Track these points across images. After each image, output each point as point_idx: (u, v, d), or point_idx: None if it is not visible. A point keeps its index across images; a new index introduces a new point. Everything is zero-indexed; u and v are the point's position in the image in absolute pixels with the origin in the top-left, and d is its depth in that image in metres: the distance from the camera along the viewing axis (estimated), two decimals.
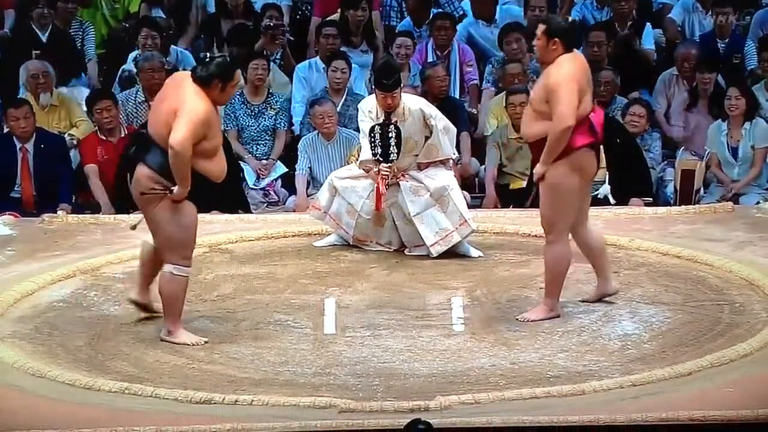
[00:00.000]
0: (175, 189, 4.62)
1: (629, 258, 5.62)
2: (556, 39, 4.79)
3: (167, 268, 4.72)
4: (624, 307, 5.01)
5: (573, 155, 4.78)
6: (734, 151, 7.20)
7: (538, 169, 4.82)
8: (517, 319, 4.89)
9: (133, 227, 4.91)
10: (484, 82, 7.74)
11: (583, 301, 5.05)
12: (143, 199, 4.68)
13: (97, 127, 7.14)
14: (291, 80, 7.75)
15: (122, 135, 7.11)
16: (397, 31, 8.13)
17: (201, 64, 4.68)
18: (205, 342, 4.72)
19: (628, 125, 7.26)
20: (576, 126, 4.78)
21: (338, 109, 7.32)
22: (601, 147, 5.00)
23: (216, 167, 4.69)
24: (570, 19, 4.94)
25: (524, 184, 6.89)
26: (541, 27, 4.84)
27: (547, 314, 4.88)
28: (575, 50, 4.87)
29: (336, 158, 7.06)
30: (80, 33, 8.04)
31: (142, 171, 4.66)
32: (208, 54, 4.76)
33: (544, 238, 5.46)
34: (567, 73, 4.77)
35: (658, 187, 7.35)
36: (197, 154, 4.61)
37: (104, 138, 7.10)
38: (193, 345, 4.69)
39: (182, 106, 4.58)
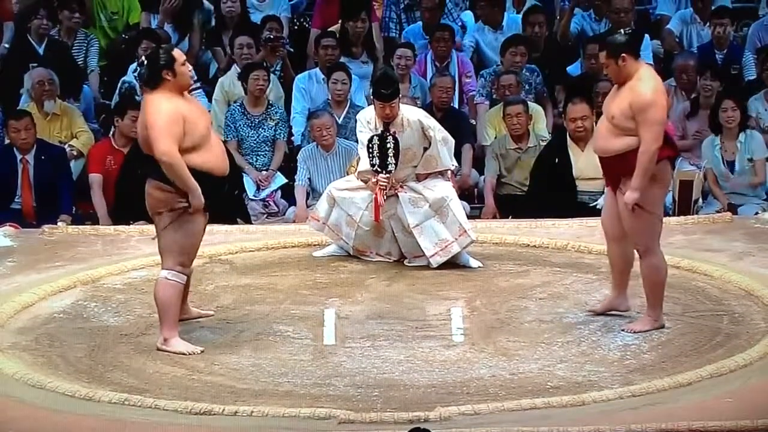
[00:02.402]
0: (191, 200, 4.61)
1: None
2: (623, 54, 4.68)
3: (163, 273, 4.73)
4: (623, 318, 5.01)
5: (656, 168, 4.69)
6: (730, 165, 7.19)
7: (632, 196, 4.65)
8: (622, 330, 4.81)
9: (155, 238, 4.83)
10: (477, 96, 7.78)
11: (590, 311, 5.04)
12: (157, 210, 4.67)
13: (113, 134, 7.11)
14: (288, 90, 7.78)
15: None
16: (402, 38, 8.17)
17: (142, 70, 4.68)
18: (201, 351, 4.72)
19: None
20: None
21: (340, 121, 7.34)
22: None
23: (206, 160, 4.61)
24: (626, 30, 4.86)
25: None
26: (602, 54, 4.77)
27: (652, 325, 4.81)
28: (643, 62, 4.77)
29: (335, 169, 7.07)
30: (84, 45, 8.07)
31: (151, 185, 4.67)
32: (142, 58, 4.75)
33: (542, 248, 5.45)
34: (656, 90, 4.68)
35: None
36: (183, 152, 4.58)
37: (117, 147, 7.08)
38: (189, 354, 4.69)
39: (148, 122, 4.60)
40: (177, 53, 4.69)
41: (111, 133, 7.20)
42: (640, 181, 4.66)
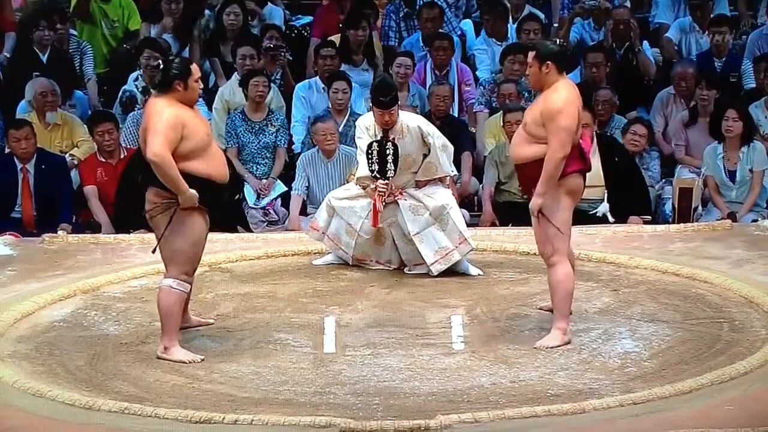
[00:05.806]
0: (179, 199, 4.63)
1: (628, 276, 5.64)
2: (549, 62, 4.74)
3: (166, 282, 4.73)
4: (623, 325, 5.02)
5: (565, 179, 4.74)
6: (731, 174, 7.18)
7: (536, 201, 4.72)
8: (534, 348, 4.78)
9: (154, 251, 4.79)
10: (476, 104, 7.79)
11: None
12: (156, 217, 4.69)
13: (96, 149, 7.19)
14: (288, 99, 7.79)
15: (122, 157, 7.15)
16: (402, 48, 8.19)
17: (159, 73, 4.71)
18: (201, 359, 4.72)
19: (629, 144, 7.28)
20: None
21: (340, 129, 7.35)
22: (588, 171, 4.91)
23: (206, 167, 4.65)
24: (560, 42, 4.87)
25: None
26: (532, 53, 4.81)
27: (562, 340, 4.79)
28: (567, 76, 4.81)
29: (335, 176, 7.08)
30: (78, 53, 8.08)
31: (150, 192, 4.70)
32: (160, 62, 4.78)
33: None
34: (567, 100, 4.72)
35: (657, 205, 7.37)
36: (182, 158, 4.61)
37: (104, 160, 7.15)
38: (189, 362, 4.69)
39: (148, 125, 4.64)
40: (194, 68, 4.73)
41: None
42: (544, 187, 4.70)
